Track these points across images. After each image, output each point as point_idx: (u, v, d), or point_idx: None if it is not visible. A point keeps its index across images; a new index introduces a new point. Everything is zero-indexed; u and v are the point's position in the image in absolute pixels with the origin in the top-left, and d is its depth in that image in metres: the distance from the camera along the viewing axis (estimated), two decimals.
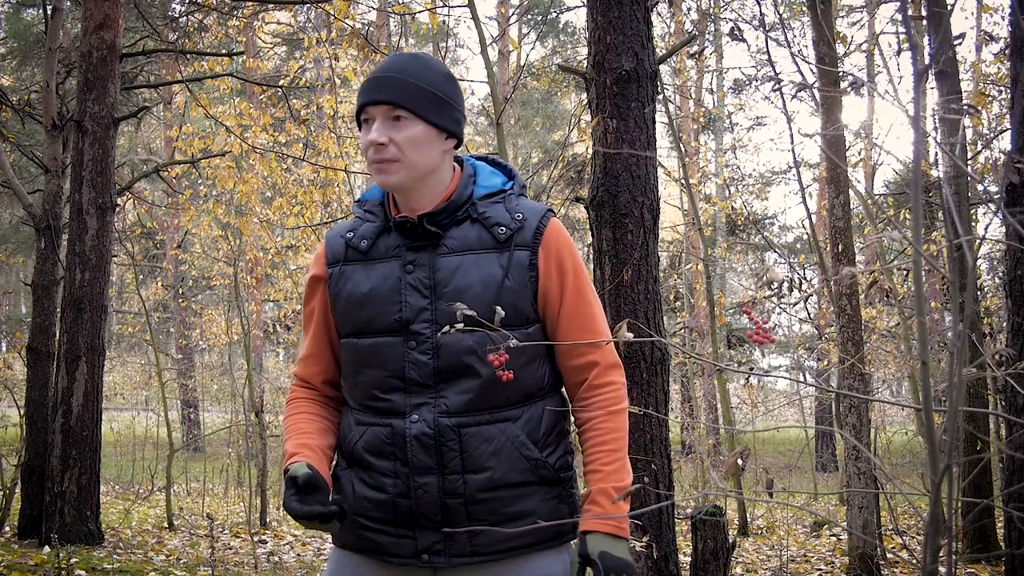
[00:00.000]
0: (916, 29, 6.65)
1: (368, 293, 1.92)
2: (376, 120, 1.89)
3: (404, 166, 1.89)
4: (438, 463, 1.85)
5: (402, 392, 1.88)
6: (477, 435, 1.86)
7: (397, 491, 1.87)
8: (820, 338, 12.73)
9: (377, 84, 1.90)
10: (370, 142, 1.88)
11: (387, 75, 1.90)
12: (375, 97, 1.89)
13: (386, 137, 1.87)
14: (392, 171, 1.89)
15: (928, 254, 3.23)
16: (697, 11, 15.26)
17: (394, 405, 1.88)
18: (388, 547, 1.89)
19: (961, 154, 6.30)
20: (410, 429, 1.86)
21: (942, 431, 5.04)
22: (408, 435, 1.86)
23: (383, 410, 1.90)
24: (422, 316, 1.87)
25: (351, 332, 1.94)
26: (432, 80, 1.92)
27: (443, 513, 1.85)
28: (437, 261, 1.90)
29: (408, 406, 1.87)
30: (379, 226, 1.97)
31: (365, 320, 1.91)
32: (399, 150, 1.88)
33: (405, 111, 1.88)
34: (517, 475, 1.87)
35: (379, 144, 1.87)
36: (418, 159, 1.89)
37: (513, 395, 1.89)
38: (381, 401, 1.89)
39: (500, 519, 1.86)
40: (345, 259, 1.98)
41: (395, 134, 1.88)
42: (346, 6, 6.98)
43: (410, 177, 1.90)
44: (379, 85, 1.89)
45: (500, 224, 1.91)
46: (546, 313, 1.93)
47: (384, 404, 1.89)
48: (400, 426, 1.87)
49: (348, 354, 1.96)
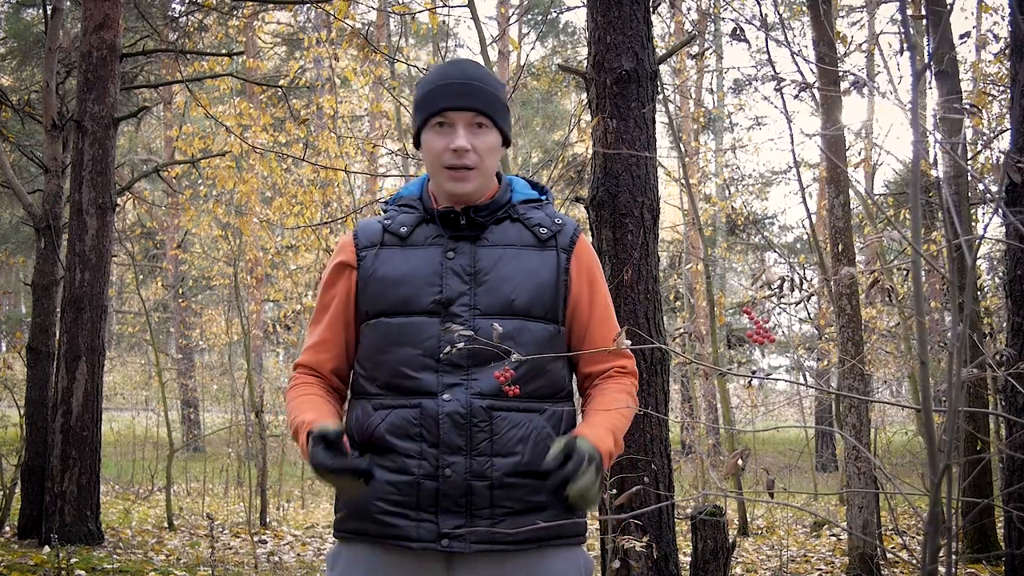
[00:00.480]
0: (916, 29, 6.65)
1: (407, 273, 1.94)
2: (458, 126, 1.92)
3: (480, 173, 1.95)
4: (468, 443, 1.87)
5: (433, 372, 1.89)
6: (508, 420, 1.89)
7: (423, 472, 1.87)
8: (820, 338, 12.73)
9: (462, 90, 1.93)
10: (457, 147, 1.91)
11: (470, 82, 1.94)
12: (461, 103, 1.92)
13: (470, 143, 1.92)
14: (470, 178, 1.94)
15: (928, 254, 3.23)
16: (697, 11, 15.24)
17: (424, 384, 1.89)
18: (408, 531, 1.87)
19: (961, 154, 6.30)
20: (443, 407, 1.87)
21: (942, 431, 5.04)
22: (441, 413, 1.87)
23: (411, 390, 1.89)
24: (461, 300, 1.91)
25: (383, 311, 1.94)
26: (500, 88, 1.99)
27: (467, 496, 1.86)
28: (478, 251, 1.95)
29: (440, 386, 1.88)
30: (418, 216, 2.01)
31: (402, 299, 1.92)
32: (479, 157, 1.93)
33: (487, 119, 1.94)
34: (542, 465, 1.89)
35: (464, 150, 1.91)
36: (491, 166, 1.97)
37: (541, 388, 1.93)
38: (410, 380, 1.89)
39: (522, 508, 1.88)
40: (382, 243, 1.99)
41: (476, 141, 1.93)
42: (346, 6, 6.98)
43: (483, 184, 1.97)
44: (464, 91, 1.93)
45: (541, 225, 2.00)
46: (574, 319, 2.00)
47: (413, 383, 1.89)
48: (430, 405, 1.88)
49: (376, 334, 1.95)
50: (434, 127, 1.95)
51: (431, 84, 1.96)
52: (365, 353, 1.98)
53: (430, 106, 1.94)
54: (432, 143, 1.95)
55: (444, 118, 1.93)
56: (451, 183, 1.95)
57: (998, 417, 6.06)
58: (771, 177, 20.70)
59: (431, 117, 1.94)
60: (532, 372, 1.91)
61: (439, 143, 1.94)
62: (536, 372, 1.92)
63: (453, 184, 1.95)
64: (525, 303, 1.91)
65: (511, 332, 1.89)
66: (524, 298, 1.91)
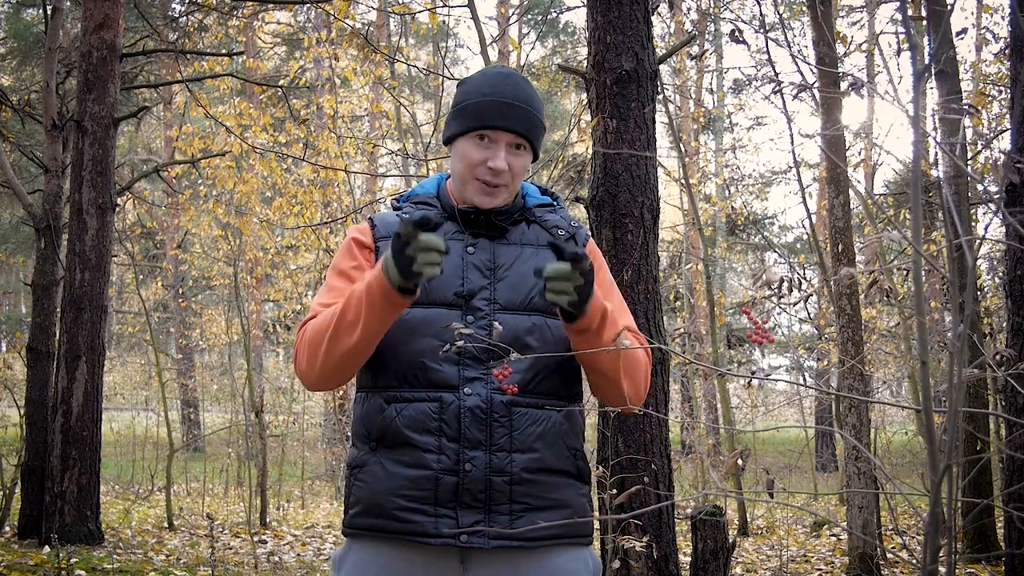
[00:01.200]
0: (916, 29, 6.65)
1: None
2: (500, 145, 1.95)
3: (509, 191, 1.99)
4: (487, 439, 1.87)
5: (455, 364, 1.89)
6: (527, 416, 1.89)
7: (442, 467, 1.86)
8: (820, 338, 12.73)
9: (510, 111, 1.95)
10: (497, 168, 1.94)
11: (518, 104, 1.96)
12: (508, 125, 1.95)
13: (507, 164, 1.95)
14: (499, 195, 1.98)
15: (928, 254, 3.22)
16: (697, 11, 15.26)
17: (445, 377, 1.88)
18: (426, 527, 1.85)
19: (961, 154, 6.30)
20: (464, 401, 1.87)
21: (942, 431, 5.04)
22: (463, 407, 1.87)
23: (431, 382, 1.88)
24: (481, 294, 1.93)
25: None
26: (542, 110, 2.02)
27: (487, 491, 1.86)
28: (497, 248, 1.99)
29: (461, 379, 1.88)
30: (437, 214, 2.02)
31: (422, 290, 1.90)
32: (512, 177, 1.97)
33: (527, 143, 1.98)
34: (559, 462, 1.92)
35: (503, 171, 1.95)
36: (520, 183, 2.02)
37: (558, 386, 1.95)
38: (430, 371, 1.88)
39: (540, 505, 1.89)
40: None
41: (513, 161, 1.97)
42: (346, 6, 6.98)
43: (507, 199, 2.00)
44: (512, 113, 1.95)
45: (559, 227, 2.05)
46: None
47: (433, 375, 1.88)
48: (451, 399, 1.87)
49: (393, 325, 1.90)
50: (474, 138, 1.96)
51: (482, 95, 1.96)
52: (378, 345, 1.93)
53: (477, 118, 1.95)
54: (469, 153, 1.96)
55: (488, 134, 1.95)
56: (480, 196, 1.97)
57: (998, 417, 6.06)
58: (771, 177, 20.70)
59: (474, 128, 1.96)
60: (550, 370, 1.92)
61: (477, 156, 1.95)
62: (553, 370, 1.93)
63: (482, 198, 1.97)
64: (544, 300, 1.91)
65: (532, 328, 1.91)
66: (543, 295, 1.91)
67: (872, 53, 12.32)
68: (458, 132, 1.98)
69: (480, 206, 1.98)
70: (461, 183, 1.99)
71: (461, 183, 1.99)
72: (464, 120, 1.97)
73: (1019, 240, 3.38)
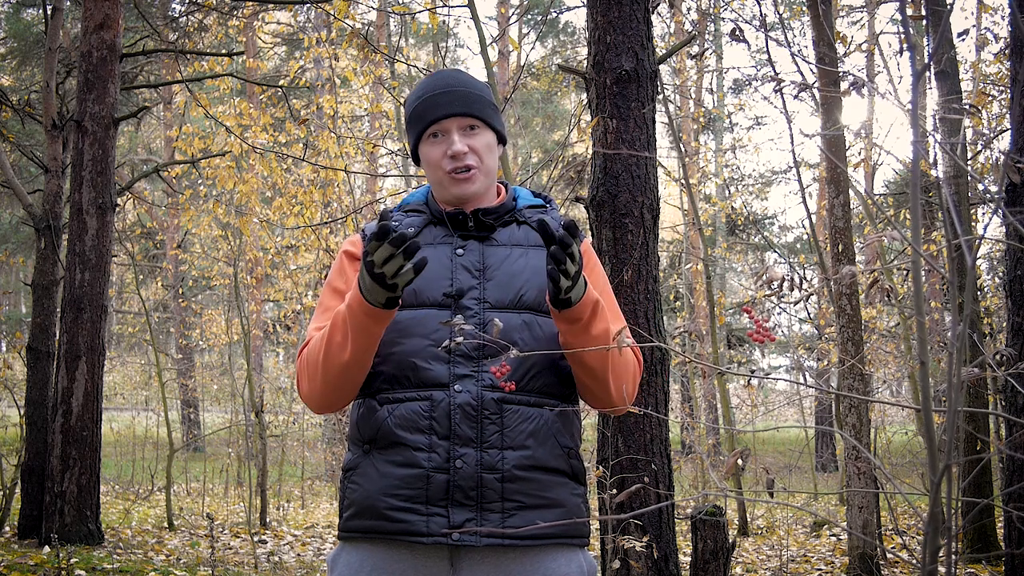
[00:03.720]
0: (916, 29, 6.65)
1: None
2: (452, 132, 1.97)
3: (482, 172, 1.99)
4: (479, 436, 1.87)
5: (445, 362, 1.90)
6: (518, 413, 1.89)
7: (433, 465, 1.86)
8: (820, 338, 12.73)
9: (449, 99, 1.98)
10: (456, 152, 1.96)
11: (453, 89, 1.99)
12: (451, 111, 1.97)
13: (467, 146, 1.97)
14: (473, 179, 1.98)
15: (928, 254, 3.22)
16: (697, 11, 15.25)
17: (436, 375, 1.89)
18: (417, 526, 1.86)
19: (961, 154, 6.30)
20: (455, 399, 1.87)
21: (942, 431, 5.04)
22: (453, 404, 1.87)
23: (421, 381, 1.89)
24: (471, 293, 1.94)
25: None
26: (486, 90, 2.04)
27: (478, 489, 1.86)
28: (486, 249, 1.99)
29: (451, 376, 1.89)
30: (425, 219, 2.04)
31: (410, 292, 1.93)
32: (478, 157, 1.98)
33: (478, 120, 1.99)
34: (552, 460, 1.91)
35: (462, 153, 1.96)
36: (491, 164, 2.02)
37: (550, 384, 1.94)
38: (421, 370, 1.89)
39: (533, 503, 1.88)
40: None
41: (472, 142, 1.98)
42: (346, 6, 6.98)
43: (486, 183, 2.01)
44: (452, 99, 1.98)
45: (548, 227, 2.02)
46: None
47: (424, 374, 1.89)
48: (441, 397, 1.88)
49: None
50: (429, 139, 2.00)
51: (417, 100, 2.01)
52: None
53: (421, 120, 1.99)
54: (430, 154, 2.00)
55: (437, 128, 1.98)
56: (456, 187, 1.98)
57: (998, 417, 6.06)
58: (771, 177, 20.72)
59: (424, 130, 1.99)
60: (542, 367, 1.93)
61: (436, 152, 1.99)
62: (546, 367, 1.94)
63: (458, 187, 1.98)
64: (535, 298, 1.94)
65: (522, 326, 1.91)
66: (533, 293, 1.94)
67: (872, 53, 12.32)
68: (415, 142, 2.03)
69: (462, 196, 1.99)
70: (438, 186, 2.02)
71: (438, 186, 2.02)
72: (414, 129, 2.01)
73: (1019, 240, 3.38)
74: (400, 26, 10.36)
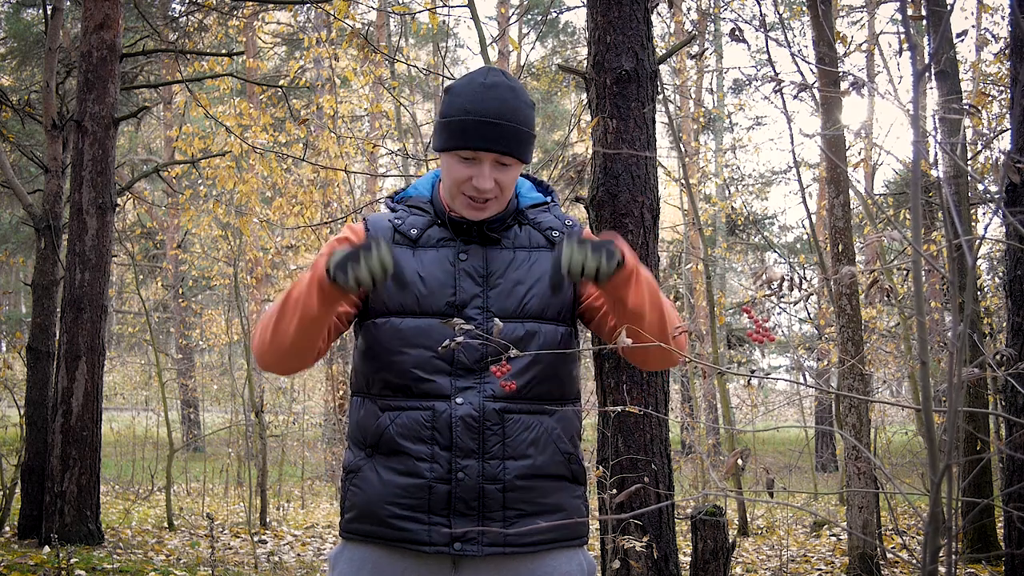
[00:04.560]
0: (916, 29, 6.65)
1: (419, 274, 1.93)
2: (485, 164, 1.91)
3: (498, 202, 1.96)
4: (480, 447, 1.87)
5: (447, 375, 1.88)
6: (519, 423, 1.89)
7: (435, 475, 1.86)
8: (820, 338, 12.73)
9: (493, 132, 1.89)
10: (479, 188, 1.90)
11: (502, 122, 1.89)
12: (491, 146, 1.89)
13: (494, 180, 1.92)
14: (488, 208, 1.95)
15: (928, 254, 3.22)
16: (697, 11, 15.24)
17: (438, 387, 1.88)
18: (419, 535, 1.86)
19: (961, 154, 6.30)
20: (456, 411, 1.87)
21: (942, 431, 5.04)
22: (454, 416, 1.86)
23: (424, 392, 1.88)
24: (474, 302, 1.92)
25: (393, 311, 1.92)
26: (529, 119, 1.94)
27: (480, 499, 1.86)
28: (489, 254, 1.96)
29: (453, 389, 1.88)
30: (429, 220, 2.01)
31: (413, 300, 1.91)
32: (499, 190, 1.94)
33: (514, 159, 1.92)
34: (553, 467, 1.91)
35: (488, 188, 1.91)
36: (509, 195, 1.98)
37: (552, 391, 1.94)
38: (423, 382, 1.88)
39: (534, 510, 1.89)
40: (393, 241, 1.98)
41: (500, 177, 1.93)
42: (346, 6, 6.98)
43: (498, 209, 1.97)
44: (495, 133, 1.89)
45: (552, 228, 2.02)
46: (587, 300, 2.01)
47: (426, 386, 1.88)
48: (443, 408, 1.87)
49: (384, 334, 1.92)
50: (460, 155, 1.92)
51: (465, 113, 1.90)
52: (370, 352, 1.95)
53: (461, 138, 1.90)
54: (455, 170, 1.93)
55: (472, 154, 1.91)
56: (468, 212, 1.95)
57: (998, 417, 6.06)
58: (771, 177, 20.71)
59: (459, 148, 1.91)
60: (544, 374, 1.92)
61: (462, 173, 1.92)
62: (548, 374, 1.93)
63: (470, 212, 1.95)
64: (538, 306, 1.92)
65: (525, 335, 1.90)
66: (537, 301, 1.92)
67: (872, 53, 12.32)
68: (443, 148, 1.96)
69: (472, 219, 1.96)
70: (449, 196, 1.98)
71: (449, 196, 1.98)
72: (449, 138, 1.93)
73: (1019, 240, 3.38)
74: (400, 26, 10.36)
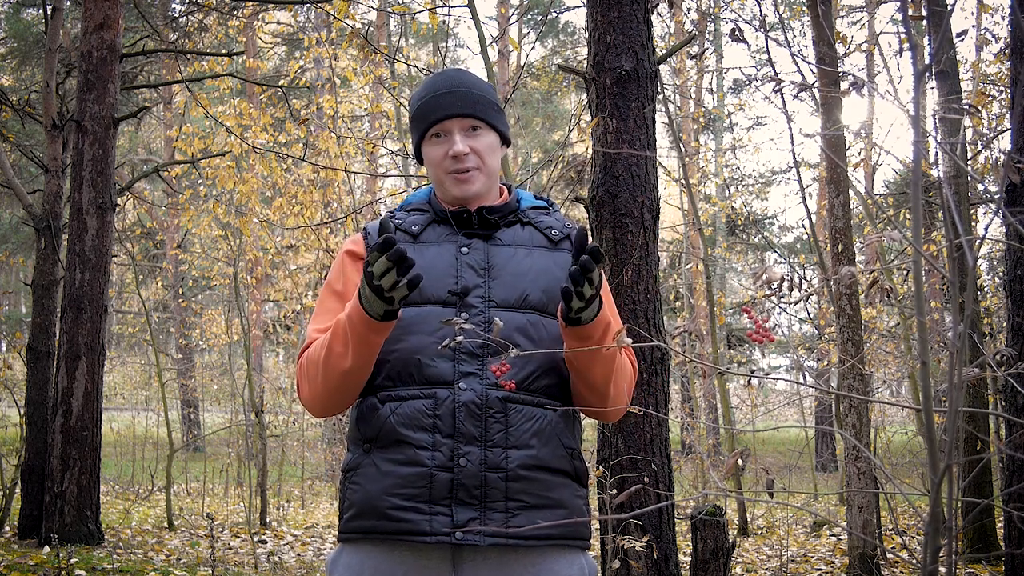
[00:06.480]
0: (916, 29, 6.65)
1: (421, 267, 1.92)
2: (454, 133, 1.98)
3: (483, 173, 2.00)
4: (483, 434, 1.86)
5: (450, 360, 1.89)
6: (522, 413, 1.89)
7: (437, 463, 1.85)
8: (820, 338, 12.73)
9: (452, 99, 1.99)
10: (456, 153, 1.97)
11: (457, 89, 2.00)
12: (454, 111, 1.98)
13: (468, 147, 1.97)
14: (474, 180, 1.99)
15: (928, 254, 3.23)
16: (697, 11, 15.24)
17: (440, 372, 1.88)
18: (420, 525, 1.84)
19: (961, 154, 6.30)
20: (459, 396, 1.86)
21: (942, 431, 5.04)
22: (458, 402, 1.86)
23: (426, 378, 1.88)
24: (476, 291, 1.93)
25: None
26: (489, 91, 2.05)
27: (482, 488, 1.85)
28: (491, 248, 1.99)
29: (456, 374, 1.88)
30: (429, 218, 2.04)
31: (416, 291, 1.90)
32: (479, 158, 1.99)
33: (480, 121, 1.99)
34: (555, 460, 1.91)
35: (463, 154, 1.97)
36: (493, 165, 2.02)
37: (553, 385, 1.94)
38: (426, 367, 1.88)
39: (536, 503, 1.87)
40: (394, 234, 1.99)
41: (474, 143, 1.99)
42: (346, 6, 6.98)
43: (487, 184, 2.02)
44: (455, 100, 1.98)
45: (552, 228, 2.05)
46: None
47: (429, 371, 1.88)
48: (446, 395, 1.87)
49: None
50: (431, 139, 2.01)
51: (421, 99, 2.02)
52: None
53: (424, 119, 2.00)
54: (432, 154, 2.01)
55: (439, 128, 1.99)
56: (456, 187, 1.99)
57: (998, 417, 6.06)
58: (771, 177, 20.72)
59: (427, 130, 2.00)
60: (546, 368, 1.93)
61: (438, 152, 1.99)
62: (549, 368, 1.93)
63: (459, 187, 1.99)
64: (539, 298, 1.94)
65: (527, 325, 1.91)
66: (538, 294, 1.94)
67: (872, 53, 12.31)
68: (417, 141, 2.04)
69: (463, 196, 1.99)
70: (439, 185, 2.03)
71: (439, 185, 2.03)
72: (417, 128, 2.02)
73: (1019, 240, 3.38)
74: (400, 26, 10.36)
